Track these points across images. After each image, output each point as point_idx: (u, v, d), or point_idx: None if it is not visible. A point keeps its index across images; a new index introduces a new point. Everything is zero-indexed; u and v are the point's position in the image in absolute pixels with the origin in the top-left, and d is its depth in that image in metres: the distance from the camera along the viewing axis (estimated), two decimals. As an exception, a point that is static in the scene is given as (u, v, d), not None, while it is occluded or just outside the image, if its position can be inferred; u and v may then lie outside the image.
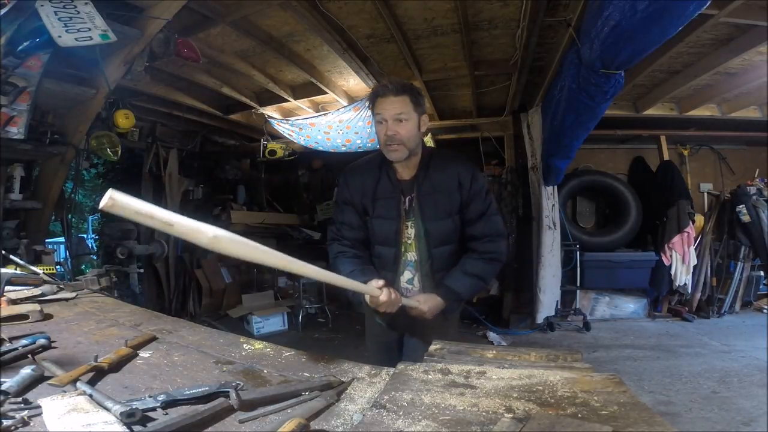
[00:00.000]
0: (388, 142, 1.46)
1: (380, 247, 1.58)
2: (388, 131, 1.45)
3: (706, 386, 3.12)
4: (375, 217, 1.55)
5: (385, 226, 1.54)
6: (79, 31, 2.09)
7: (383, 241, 1.57)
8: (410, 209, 1.53)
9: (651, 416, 0.72)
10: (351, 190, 1.58)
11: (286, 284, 5.72)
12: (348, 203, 1.59)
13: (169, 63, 3.19)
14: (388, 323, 1.63)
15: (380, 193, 1.54)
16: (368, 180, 1.56)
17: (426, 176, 1.52)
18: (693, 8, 1.98)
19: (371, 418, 0.75)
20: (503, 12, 2.97)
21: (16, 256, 2.16)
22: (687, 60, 3.73)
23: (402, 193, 1.53)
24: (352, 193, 1.58)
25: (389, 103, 1.45)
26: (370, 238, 1.59)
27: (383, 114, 1.45)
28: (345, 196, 1.60)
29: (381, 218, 1.55)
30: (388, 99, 1.45)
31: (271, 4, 2.77)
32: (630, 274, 5.10)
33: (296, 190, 6.69)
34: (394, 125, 1.44)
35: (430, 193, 1.51)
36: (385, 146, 1.47)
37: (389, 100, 1.45)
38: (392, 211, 1.53)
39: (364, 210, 1.57)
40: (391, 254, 1.56)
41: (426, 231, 1.52)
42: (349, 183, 1.60)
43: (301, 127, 4.84)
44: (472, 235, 1.54)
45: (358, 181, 1.58)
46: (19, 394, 0.80)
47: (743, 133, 5.22)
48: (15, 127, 2.45)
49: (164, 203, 5.01)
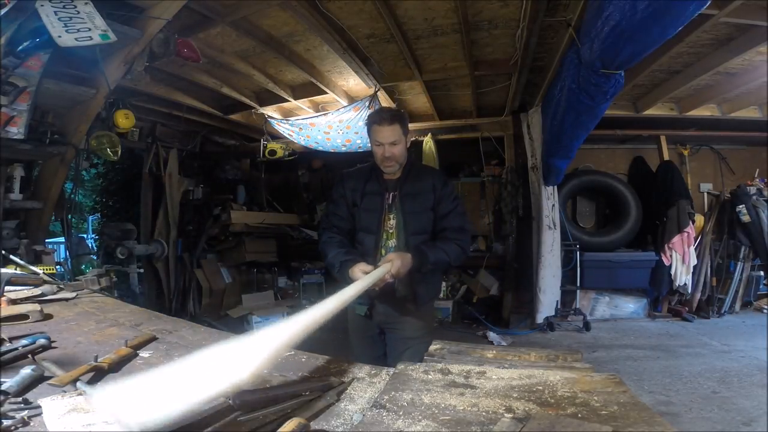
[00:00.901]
0: (385, 162, 1.80)
1: (364, 234, 1.85)
2: (385, 153, 1.78)
3: (706, 386, 3.12)
4: (362, 209, 1.86)
5: (369, 217, 1.84)
6: (79, 31, 2.09)
7: (367, 229, 1.84)
8: (392, 204, 1.84)
9: (651, 416, 0.72)
10: (345, 187, 1.90)
11: (286, 284, 5.72)
12: (341, 197, 1.89)
13: (169, 63, 3.19)
14: (367, 313, 1.85)
15: (368, 190, 1.86)
16: (360, 180, 1.89)
17: (407, 179, 1.86)
18: (693, 8, 1.99)
19: (371, 418, 0.75)
20: (503, 12, 2.97)
21: (16, 256, 2.16)
22: (687, 60, 3.73)
23: (386, 190, 1.85)
24: (345, 189, 1.89)
25: (385, 132, 1.76)
26: (357, 227, 1.88)
27: (380, 140, 1.78)
28: (339, 192, 1.91)
29: (367, 210, 1.85)
30: (384, 128, 1.76)
31: (271, 4, 2.77)
32: (630, 274, 5.10)
33: (296, 190, 6.69)
34: (390, 148, 1.77)
35: (410, 192, 1.84)
36: (382, 163, 1.82)
37: (385, 129, 1.76)
38: (376, 205, 1.83)
39: (353, 203, 1.87)
40: (372, 241, 1.83)
41: (405, 222, 1.82)
42: (345, 181, 1.92)
43: (301, 127, 4.84)
44: (443, 227, 1.84)
45: (352, 180, 1.90)
46: (19, 394, 0.80)
47: (743, 133, 5.22)
48: (15, 127, 2.45)
49: (164, 203, 5.02)
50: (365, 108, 4.29)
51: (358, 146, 5.01)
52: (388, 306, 1.83)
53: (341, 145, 5.03)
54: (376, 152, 1.82)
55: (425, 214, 1.84)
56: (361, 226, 1.87)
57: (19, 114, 2.45)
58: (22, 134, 2.49)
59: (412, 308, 1.83)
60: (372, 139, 1.81)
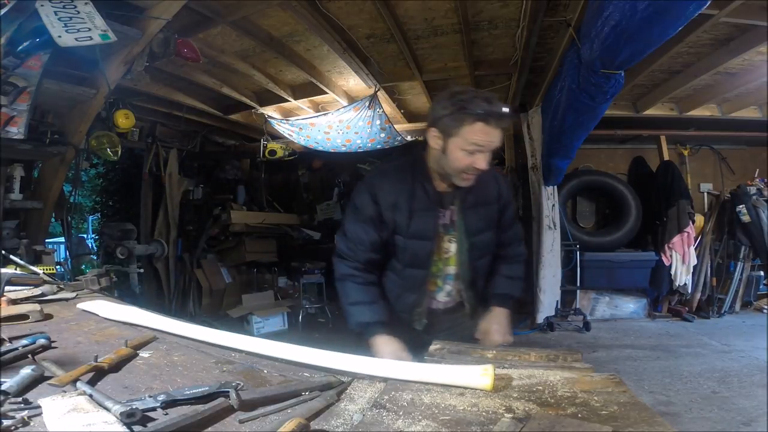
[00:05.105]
0: (470, 172, 1.29)
1: (409, 269, 1.41)
2: (480, 164, 1.27)
3: (706, 386, 3.12)
4: (409, 236, 1.37)
5: (419, 247, 1.38)
6: (79, 31, 2.08)
7: (413, 263, 1.40)
8: (450, 224, 1.40)
9: (651, 416, 0.72)
10: (379, 205, 1.36)
11: (286, 284, 5.72)
12: (370, 220, 1.37)
13: (169, 63, 3.19)
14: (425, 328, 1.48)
15: (416, 207, 1.35)
16: (402, 193, 1.36)
17: (469, 188, 1.35)
18: (693, 8, 1.98)
19: (371, 418, 0.75)
20: (503, 12, 2.98)
21: (16, 256, 2.15)
22: (687, 60, 3.73)
23: (441, 206, 1.38)
24: (380, 208, 1.36)
25: (495, 134, 1.25)
26: (398, 258, 1.41)
27: (483, 144, 1.24)
28: (369, 213, 1.37)
29: (416, 239, 1.37)
30: (494, 129, 1.24)
31: (271, 4, 2.77)
32: (630, 274, 5.10)
33: (296, 190, 6.69)
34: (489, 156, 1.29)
35: (473, 205, 1.40)
36: (461, 174, 1.30)
37: (495, 130, 1.25)
38: (429, 229, 1.37)
39: (394, 228, 1.37)
40: (420, 276, 1.41)
41: (471, 245, 1.40)
42: (379, 197, 1.36)
43: (301, 127, 4.84)
44: (502, 242, 1.50)
45: (390, 195, 1.36)
46: (19, 394, 0.80)
47: (743, 133, 5.23)
48: (15, 127, 2.45)
49: (164, 203, 5.02)
50: (365, 108, 4.29)
51: (358, 146, 5.01)
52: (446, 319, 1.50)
53: (341, 145, 5.03)
54: (461, 160, 1.27)
55: (491, 232, 1.45)
56: (405, 258, 1.40)
57: (19, 114, 2.45)
58: (22, 134, 2.49)
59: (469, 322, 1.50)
60: (463, 139, 1.24)
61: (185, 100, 4.40)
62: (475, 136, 1.23)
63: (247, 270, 5.65)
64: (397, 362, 0.92)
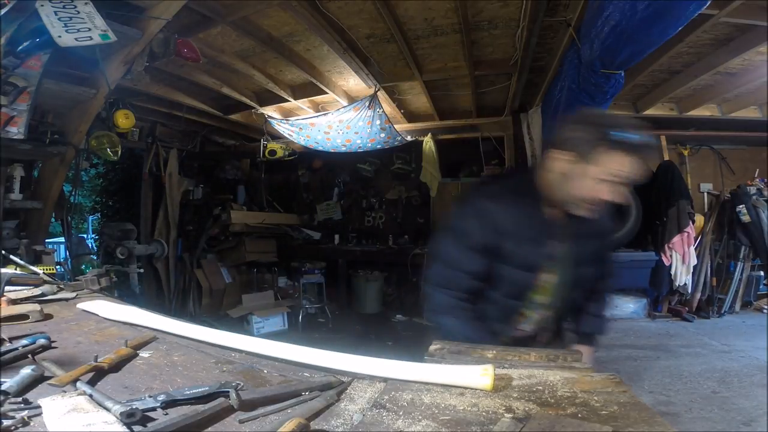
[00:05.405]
0: (595, 204, 1.17)
1: (505, 300, 1.31)
2: (615, 196, 1.14)
3: (706, 386, 3.12)
4: (515, 267, 1.26)
5: (522, 278, 1.28)
6: (79, 31, 2.08)
7: (511, 293, 1.30)
8: (557, 254, 1.28)
9: (651, 416, 0.72)
10: (485, 229, 1.23)
11: (286, 284, 5.72)
12: (478, 248, 1.25)
13: (169, 63, 3.19)
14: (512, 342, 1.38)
15: (525, 235, 1.24)
16: (513, 220, 1.24)
17: (583, 219, 1.23)
18: (693, 8, 1.99)
19: (371, 418, 0.75)
20: (503, 12, 2.97)
21: (16, 256, 2.15)
22: (687, 60, 3.73)
23: (550, 236, 1.27)
24: (491, 236, 1.23)
25: (638, 167, 1.12)
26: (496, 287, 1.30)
27: (624, 174, 1.12)
28: (477, 240, 1.24)
29: (521, 269, 1.27)
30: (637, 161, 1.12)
31: (271, 4, 2.77)
32: (630, 274, 5.09)
33: (296, 190, 6.69)
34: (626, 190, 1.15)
35: (585, 237, 1.29)
36: (584, 204, 1.18)
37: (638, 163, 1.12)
38: (536, 260, 1.27)
39: (500, 255, 1.25)
40: (516, 307, 1.32)
41: (573, 278, 1.31)
42: (484, 218, 1.24)
43: (301, 127, 4.85)
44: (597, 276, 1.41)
45: (502, 222, 1.23)
46: (19, 394, 0.80)
47: (743, 133, 5.22)
48: (15, 127, 2.45)
49: (164, 203, 5.02)
50: (365, 108, 4.29)
51: (358, 146, 5.02)
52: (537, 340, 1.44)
53: (341, 145, 5.03)
54: (593, 189, 1.15)
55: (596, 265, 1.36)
56: (502, 287, 1.29)
57: (19, 114, 2.45)
58: (22, 134, 2.49)
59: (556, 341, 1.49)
60: (602, 168, 1.12)
61: (185, 100, 4.40)
62: (618, 167, 1.11)
63: (247, 270, 5.65)
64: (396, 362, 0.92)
